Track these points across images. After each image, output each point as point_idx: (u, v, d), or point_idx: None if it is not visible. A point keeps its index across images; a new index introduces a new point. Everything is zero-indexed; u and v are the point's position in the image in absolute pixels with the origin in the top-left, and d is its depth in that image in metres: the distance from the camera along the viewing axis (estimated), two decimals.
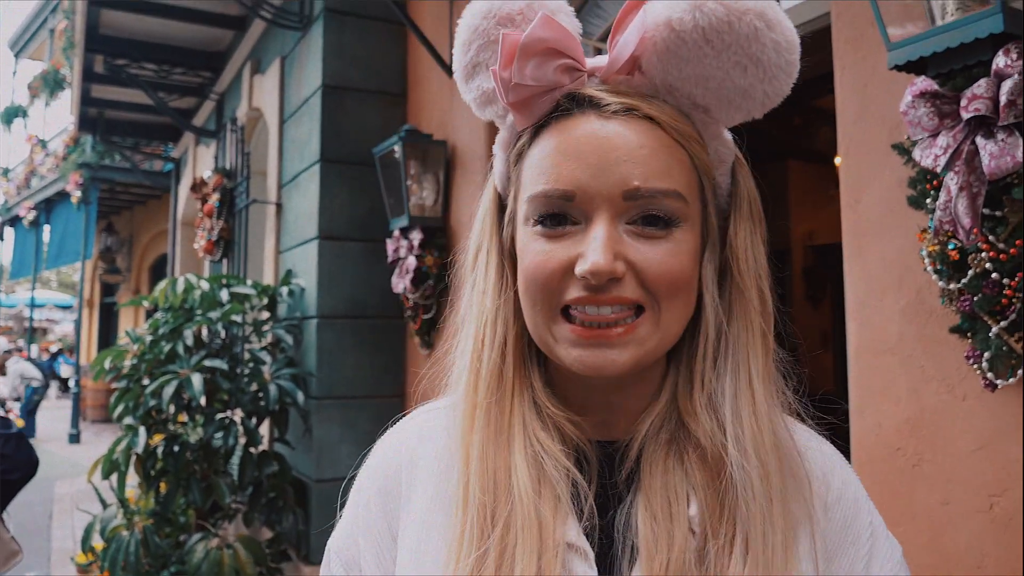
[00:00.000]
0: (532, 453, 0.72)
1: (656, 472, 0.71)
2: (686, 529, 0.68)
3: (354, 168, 4.58)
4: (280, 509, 4.39)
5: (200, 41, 6.65)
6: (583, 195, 0.69)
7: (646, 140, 0.69)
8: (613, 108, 0.70)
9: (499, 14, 0.75)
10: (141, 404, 4.19)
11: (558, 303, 0.70)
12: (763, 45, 0.68)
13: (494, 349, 0.76)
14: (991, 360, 1.66)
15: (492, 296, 0.77)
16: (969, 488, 1.79)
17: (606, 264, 0.66)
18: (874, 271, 2.02)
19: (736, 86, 0.70)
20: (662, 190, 0.69)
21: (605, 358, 0.69)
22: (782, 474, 0.70)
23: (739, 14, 0.67)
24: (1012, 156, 1.51)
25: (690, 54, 0.68)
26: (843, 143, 2.12)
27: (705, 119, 0.73)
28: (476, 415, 0.74)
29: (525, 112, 0.73)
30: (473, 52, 0.77)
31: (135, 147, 10.20)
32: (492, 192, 0.81)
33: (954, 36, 1.61)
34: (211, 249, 6.19)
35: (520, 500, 0.69)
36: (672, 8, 0.68)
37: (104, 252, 14.92)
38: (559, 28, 0.70)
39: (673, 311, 0.70)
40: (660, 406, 0.75)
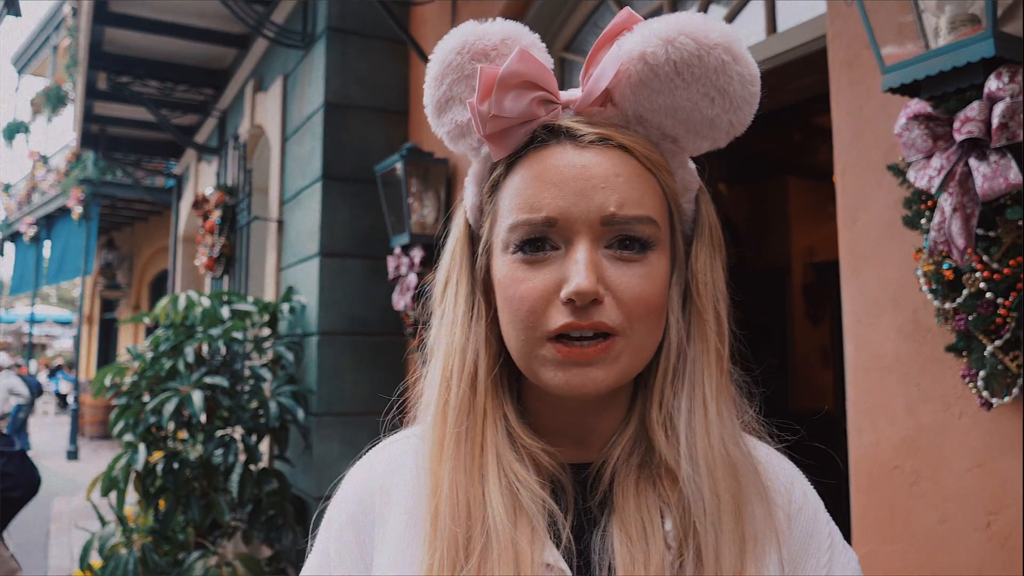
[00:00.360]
0: (507, 483, 0.73)
1: (628, 495, 0.74)
2: (662, 546, 0.71)
3: (355, 186, 4.61)
4: (280, 527, 4.38)
5: (203, 59, 6.70)
6: (565, 221, 0.71)
7: (621, 168, 0.73)
8: (589, 138, 0.73)
9: (473, 49, 0.77)
10: (141, 421, 4.19)
11: (544, 329, 0.72)
12: (730, 77, 0.72)
13: (463, 379, 0.77)
14: (986, 379, 1.67)
15: (462, 327, 0.79)
16: (966, 506, 1.80)
17: (590, 286, 0.69)
18: (871, 291, 2.03)
19: (704, 116, 0.74)
20: (636, 216, 0.72)
21: (587, 377, 0.71)
22: (736, 489, 0.73)
23: (708, 48, 0.71)
24: (1004, 177, 1.53)
25: (662, 86, 0.72)
26: (839, 164, 2.14)
27: (673, 148, 0.77)
28: (445, 445, 0.76)
29: (501, 143, 0.75)
30: (446, 86, 0.79)
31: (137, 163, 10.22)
32: (463, 224, 0.84)
33: (947, 60, 1.64)
34: (212, 266, 6.21)
35: (496, 530, 0.71)
36: (646, 43, 0.71)
37: (104, 268, 14.95)
38: (535, 62, 0.73)
39: (645, 333, 0.73)
40: (630, 430, 0.77)
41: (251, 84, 6.16)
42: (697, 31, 0.71)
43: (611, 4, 3.64)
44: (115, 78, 6.52)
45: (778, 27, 2.73)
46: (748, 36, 2.86)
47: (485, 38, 0.77)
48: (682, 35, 0.70)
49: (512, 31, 0.78)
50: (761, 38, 2.76)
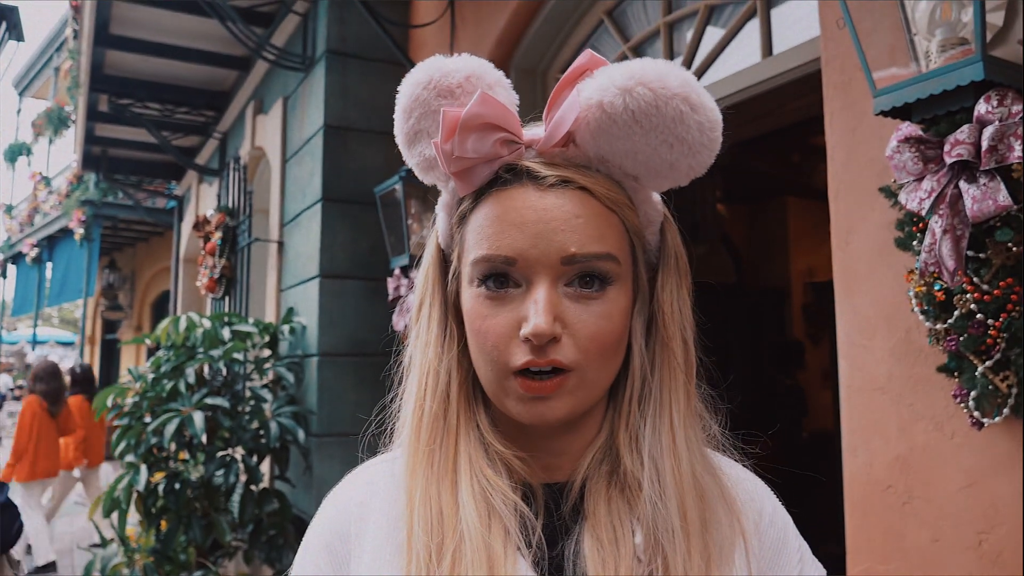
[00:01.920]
0: (479, 488, 0.76)
1: (600, 502, 0.76)
2: (631, 556, 0.73)
3: (355, 207, 4.64)
4: (281, 547, 4.37)
5: (204, 81, 6.75)
6: (523, 261, 0.74)
7: (581, 210, 0.75)
8: (550, 181, 0.75)
9: (439, 86, 0.79)
10: (143, 442, 4.20)
11: (507, 364, 0.74)
12: (688, 126, 0.73)
13: (435, 399, 0.80)
14: (977, 399, 1.68)
15: (435, 348, 0.82)
16: (958, 525, 1.81)
17: (547, 327, 0.71)
18: (864, 311, 2.05)
19: (663, 160, 0.76)
20: (596, 254, 0.74)
21: (547, 407, 0.74)
22: (702, 508, 0.75)
23: (666, 99, 0.72)
24: (994, 200, 1.55)
25: (620, 132, 0.74)
26: (833, 185, 2.17)
27: (635, 186, 0.79)
28: (418, 459, 0.78)
29: (466, 181, 0.77)
30: (414, 120, 0.81)
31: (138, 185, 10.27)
32: (435, 249, 0.86)
33: (937, 83, 1.66)
34: (213, 287, 6.23)
35: (468, 534, 0.73)
36: (604, 92, 0.73)
37: (106, 289, 14.95)
38: (497, 104, 0.74)
39: (599, 369, 0.76)
40: (599, 443, 0.80)
41: (252, 106, 6.21)
42: (655, 82, 0.72)
43: (608, 27, 3.68)
44: (116, 100, 6.56)
45: (774, 50, 2.76)
46: (744, 58, 2.89)
47: (449, 76, 0.79)
48: (640, 85, 0.72)
49: (476, 68, 0.79)
50: (756, 60, 2.79)
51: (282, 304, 5.23)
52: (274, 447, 4.31)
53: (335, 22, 4.71)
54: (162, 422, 4.08)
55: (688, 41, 3.19)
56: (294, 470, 4.61)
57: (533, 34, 3.97)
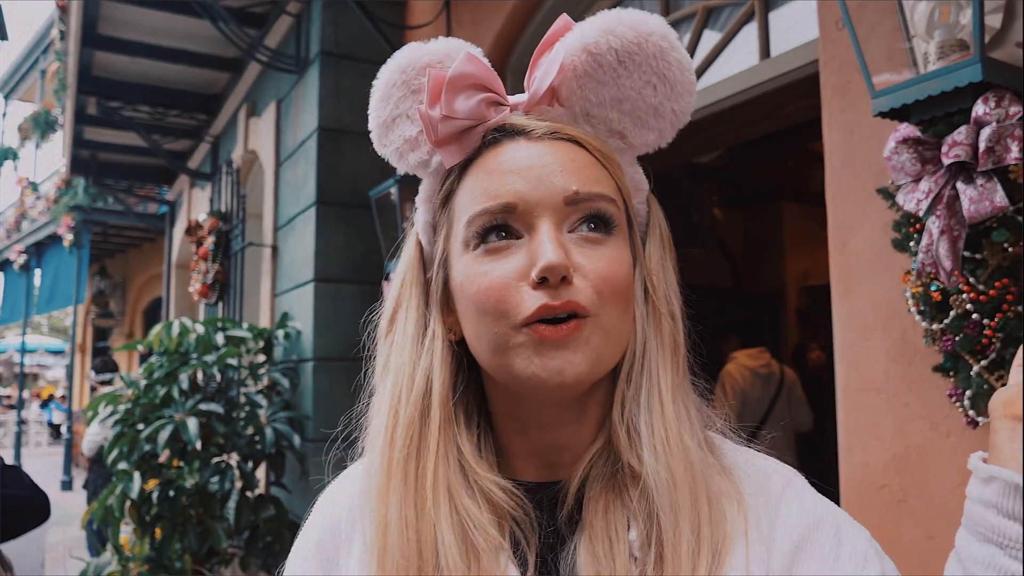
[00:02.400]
0: (459, 523, 0.71)
1: (598, 511, 0.72)
2: (627, 558, 0.69)
3: (350, 211, 4.63)
4: (277, 553, 4.36)
5: (195, 84, 6.71)
6: (524, 205, 0.71)
7: (575, 156, 0.74)
8: (539, 132, 0.75)
9: (419, 64, 0.80)
10: (136, 449, 4.18)
11: (516, 318, 0.70)
12: (668, 63, 0.75)
13: (410, 404, 0.75)
14: (973, 398, 1.70)
15: (411, 351, 0.78)
16: (953, 523, 1.80)
17: (560, 259, 0.68)
18: (861, 312, 2.06)
19: (648, 104, 0.77)
20: (599, 193, 0.73)
21: (564, 360, 0.69)
22: (692, 485, 0.70)
23: (646, 35, 0.74)
24: (991, 201, 1.56)
25: (606, 76, 0.75)
26: (831, 187, 2.18)
27: (621, 146, 0.79)
28: (392, 472, 0.74)
29: (454, 148, 0.76)
30: (392, 104, 0.81)
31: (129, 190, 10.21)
32: (415, 246, 0.83)
33: (935, 85, 1.67)
34: (206, 292, 6.21)
35: (450, 574, 0.69)
36: (586, 35, 0.74)
37: (97, 296, 14.88)
38: (482, 65, 0.75)
39: (615, 317, 0.72)
40: (599, 443, 0.75)
41: (244, 109, 6.19)
42: (634, 22, 0.74)
43: None
44: (105, 103, 6.50)
45: (772, 52, 2.77)
46: (742, 61, 2.90)
47: (430, 54, 0.80)
48: (620, 25, 0.74)
49: (454, 47, 0.80)
50: (755, 62, 2.80)
51: (276, 309, 5.21)
52: (269, 453, 4.30)
53: (329, 23, 4.70)
54: (155, 429, 4.06)
55: (686, 43, 3.20)
56: (290, 476, 4.60)
57: (530, 36, 3.97)
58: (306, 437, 4.44)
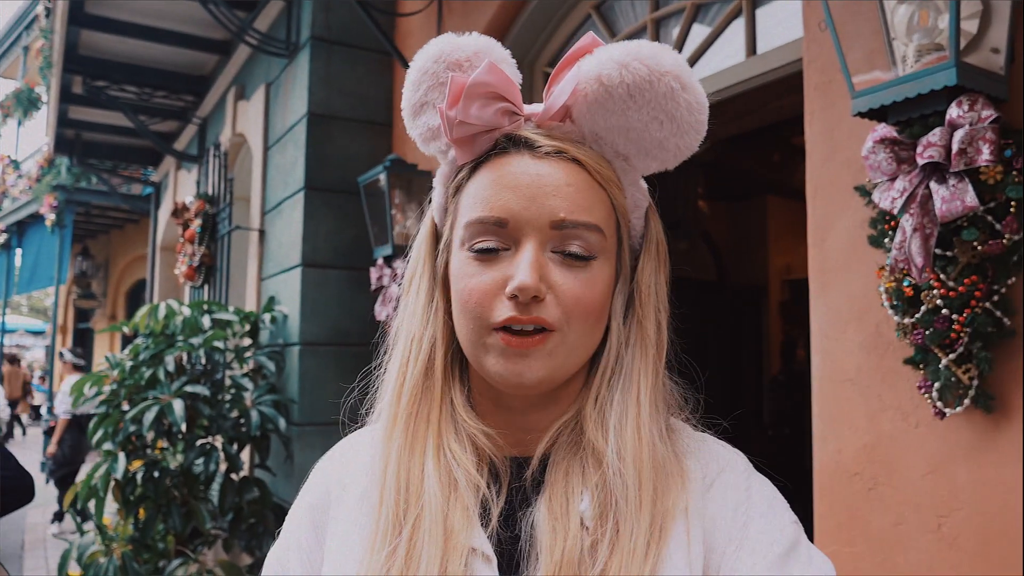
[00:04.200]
0: (444, 463, 0.80)
1: (559, 475, 0.80)
2: (578, 523, 0.76)
3: (339, 196, 4.65)
4: (260, 535, 4.39)
5: (183, 65, 6.66)
6: (514, 222, 0.78)
7: (573, 179, 0.79)
8: (545, 149, 0.79)
9: (448, 59, 0.84)
10: (121, 430, 4.19)
11: (489, 320, 0.78)
12: (678, 104, 0.78)
13: (417, 365, 0.84)
14: (941, 390, 1.76)
15: (421, 318, 0.86)
16: (920, 510, 1.89)
17: (532, 283, 0.75)
18: (837, 306, 2.12)
19: (653, 138, 0.80)
20: (584, 223, 0.78)
21: (525, 365, 0.77)
22: (655, 480, 0.78)
23: (659, 75, 0.77)
24: (962, 200, 1.62)
25: (615, 107, 0.78)
26: (811, 183, 2.23)
27: (625, 167, 0.83)
28: (396, 424, 0.83)
29: (467, 148, 0.82)
30: (422, 91, 0.85)
31: (113, 170, 10.11)
32: (430, 223, 0.90)
33: (912, 87, 1.72)
34: (193, 275, 6.20)
35: (429, 505, 0.77)
36: (602, 66, 0.77)
37: (79, 277, 14.73)
38: (502, 75, 0.79)
39: (581, 333, 0.79)
40: (566, 418, 0.83)
41: (233, 92, 6.16)
42: (650, 58, 0.77)
43: (596, 22, 3.72)
44: (91, 82, 6.41)
45: (758, 49, 2.82)
46: (728, 57, 2.95)
47: (460, 50, 0.84)
48: (636, 60, 0.77)
49: (485, 45, 0.85)
50: (741, 59, 2.85)
51: (263, 293, 5.22)
52: (255, 436, 4.32)
53: (320, 8, 4.69)
54: (141, 410, 4.07)
55: (674, 38, 3.24)
56: (275, 459, 4.63)
57: (521, 26, 3.99)
58: (291, 420, 4.47)
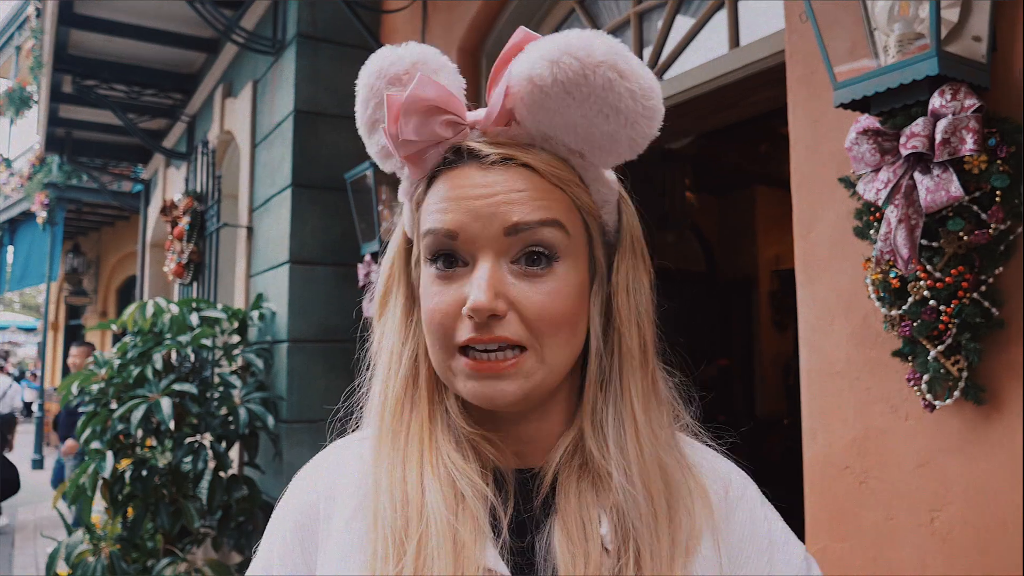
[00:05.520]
0: (445, 472, 0.75)
1: (570, 496, 0.76)
2: (600, 548, 0.73)
3: (326, 193, 4.63)
4: (250, 533, 4.37)
5: (171, 63, 6.65)
6: (465, 235, 0.74)
7: (524, 184, 0.74)
8: (492, 159, 0.75)
9: (387, 74, 0.79)
10: (109, 428, 4.17)
11: (453, 342, 0.74)
12: (619, 94, 0.72)
13: (399, 379, 0.81)
14: (930, 382, 1.75)
15: (399, 333, 0.83)
16: (911, 503, 1.87)
17: (487, 302, 0.71)
18: (824, 298, 2.10)
19: (603, 132, 0.74)
20: (541, 219, 0.73)
21: (495, 389, 0.73)
22: (668, 492, 0.75)
23: (592, 67, 0.70)
24: (946, 191, 1.61)
25: (554, 105, 0.73)
26: (795, 176, 2.21)
27: (583, 163, 0.78)
28: (382, 443, 0.79)
29: (417, 164, 0.78)
30: (371, 110, 0.82)
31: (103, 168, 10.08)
32: (401, 236, 0.86)
33: (894, 77, 1.71)
34: (181, 272, 6.18)
35: (435, 520, 0.72)
36: (532, 65, 0.72)
37: (70, 274, 14.69)
38: (437, 87, 0.74)
39: (556, 347, 0.75)
40: (572, 434, 0.79)
41: (220, 89, 6.14)
42: (580, 50, 0.70)
43: (579, 15, 3.70)
44: (81, 81, 6.43)
45: (741, 41, 2.80)
46: (712, 49, 2.93)
47: (397, 63, 0.79)
48: (565, 55, 0.70)
49: (421, 56, 0.80)
50: (724, 51, 2.83)
51: (251, 290, 5.20)
52: (243, 433, 4.30)
53: (306, 5, 4.68)
54: (129, 408, 4.05)
55: (657, 31, 3.22)
56: (263, 456, 4.61)
57: (505, 21, 3.97)
58: (280, 418, 4.45)
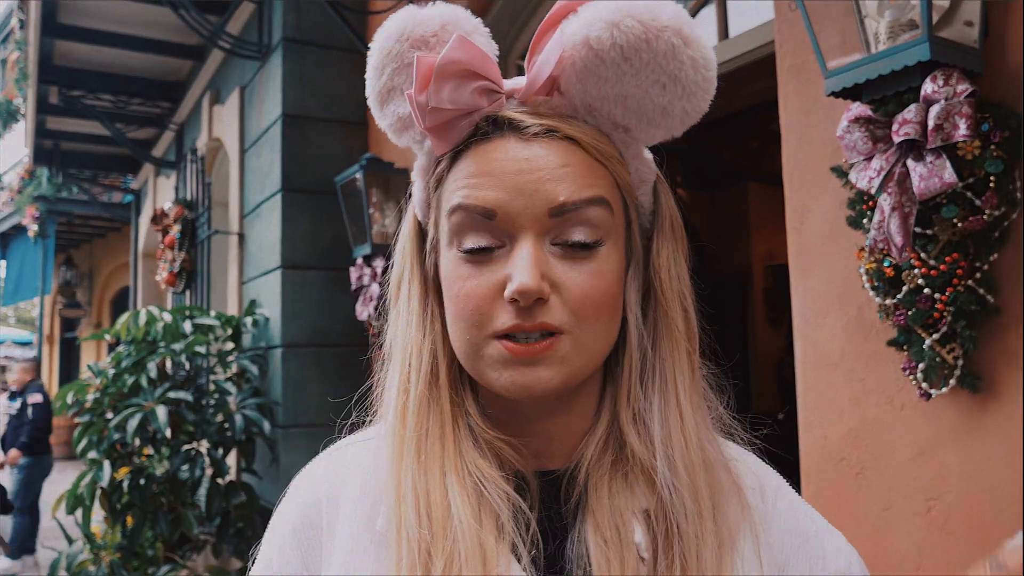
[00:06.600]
0: (471, 482, 0.70)
1: (603, 495, 0.70)
2: (635, 556, 0.68)
3: (316, 197, 4.61)
4: (249, 539, 4.36)
5: (158, 71, 6.63)
6: (504, 215, 0.68)
7: (568, 159, 0.69)
8: (533, 130, 0.69)
9: (412, 36, 0.73)
10: (105, 438, 4.15)
11: (488, 329, 0.68)
12: (681, 63, 0.67)
13: (420, 380, 0.73)
14: (925, 371, 1.74)
15: (416, 327, 0.75)
16: (908, 493, 1.87)
17: (534, 284, 0.65)
18: (818, 290, 2.09)
19: (655, 104, 0.69)
20: (588, 198, 0.68)
21: (533, 376, 0.68)
22: (712, 489, 0.70)
23: (656, 32, 0.66)
24: (940, 177, 1.60)
25: (608, 73, 0.67)
26: (787, 167, 2.20)
27: (625, 139, 0.73)
28: (405, 448, 0.72)
29: (443, 137, 0.71)
30: (387, 76, 0.74)
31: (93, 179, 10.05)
32: (412, 220, 0.79)
33: (885, 64, 1.70)
34: (173, 281, 6.15)
35: (462, 532, 0.67)
36: (590, 27, 0.66)
37: (63, 286, 14.65)
38: (475, 49, 0.68)
39: (595, 333, 0.70)
40: (601, 429, 0.73)
41: (208, 96, 6.12)
42: (644, 13, 0.66)
43: None
44: (67, 92, 6.41)
45: (730, 32, 2.79)
46: None
47: (424, 24, 0.73)
48: (628, 17, 0.65)
49: (452, 16, 0.73)
50: (714, 43, 2.82)
51: (244, 296, 5.18)
52: (239, 439, 4.29)
53: (291, 9, 4.66)
54: (124, 417, 4.04)
55: None
56: (261, 462, 4.59)
57: (493, 19, 3.95)
58: (276, 423, 4.43)
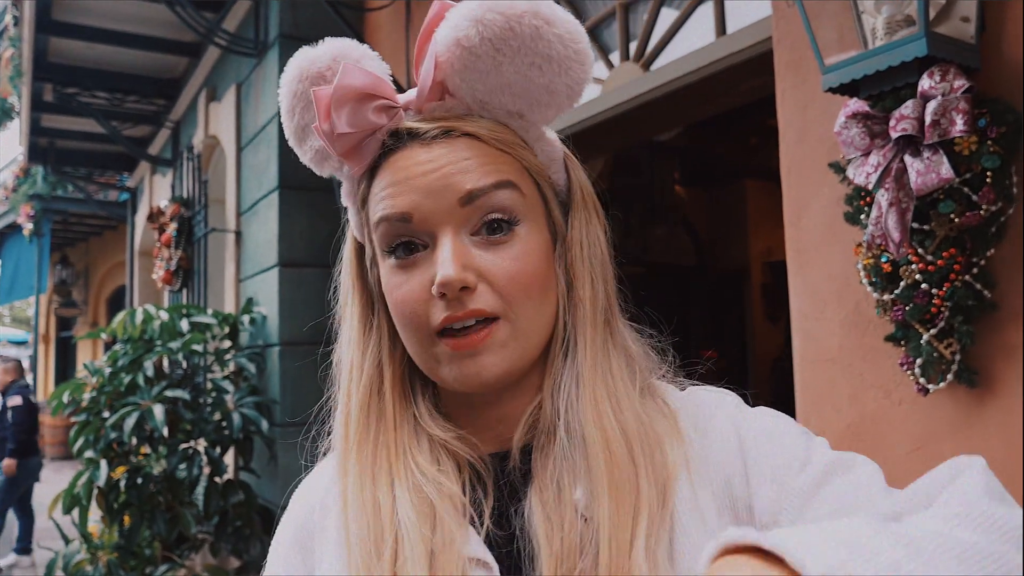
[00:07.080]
0: (413, 482, 0.73)
1: (546, 465, 0.74)
2: (573, 513, 0.70)
3: (313, 194, 4.61)
4: (247, 538, 4.36)
5: (154, 68, 6.61)
6: (420, 216, 0.72)
7: (470, 153, 0.73)
8: (432, 134, 0.73)
9: (309, 74, 0.77)
10: (102, 437, 4.15)
11: (429, 328, 0.72)
12: (549, 42, 0.71)
13: (360, 393, 0.79)
14: (923, 366, 1.74)
15: (357, 343, 0.81)
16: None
17: (455, 273, 0.69)
18: (816, 285, 2.10)
19: (538, 86, 0.73)
20: (494, 182, 0.72)
21: (478, 365, 0.72)
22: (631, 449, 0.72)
23: (517, 18, 0.70)
24: (937, 173, 1.60)
25: (486, 66, 0.71)
26: (785, 163, 2.21)
27: (523, 124, 0.76)
28: (348, 458, 0.77)
29: (355, 159, 0.76)
30: (298, 116, 0.80)
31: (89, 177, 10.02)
32: (352, 242, 0.84)
33: (883, 59, 1.70)
34: (170, 279, 6.14)
35: (407, 531, 0.71)
36: (457, 28, 0.70)
37: (59, 285, 14.62)
38: (364, 73, 0.72)
39: (530, 314, 0.74)
40: (535, 403, 0.77)
41: (204, 94, 6.11)
42: (502, 5, 0.70)
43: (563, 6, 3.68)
44: (62, 90, 6.39)
45: (727, 29, 2.79)
46: (698, 39, 2.92)
47: (317, 61, 0.78)
48: (489, 11, 0.69)
49: (340, 49, 0.78)
50: (711, 40, 2.82)
51: (241, 294, 5.18)
52: (237, 438, 4.29)
53: (287, 6, 4.65)
54: (121, 416, 4.03)
55: (643, 22, 3.21)
56: (258, 461, 4.59)
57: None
58: (274, 422, 4.43)
